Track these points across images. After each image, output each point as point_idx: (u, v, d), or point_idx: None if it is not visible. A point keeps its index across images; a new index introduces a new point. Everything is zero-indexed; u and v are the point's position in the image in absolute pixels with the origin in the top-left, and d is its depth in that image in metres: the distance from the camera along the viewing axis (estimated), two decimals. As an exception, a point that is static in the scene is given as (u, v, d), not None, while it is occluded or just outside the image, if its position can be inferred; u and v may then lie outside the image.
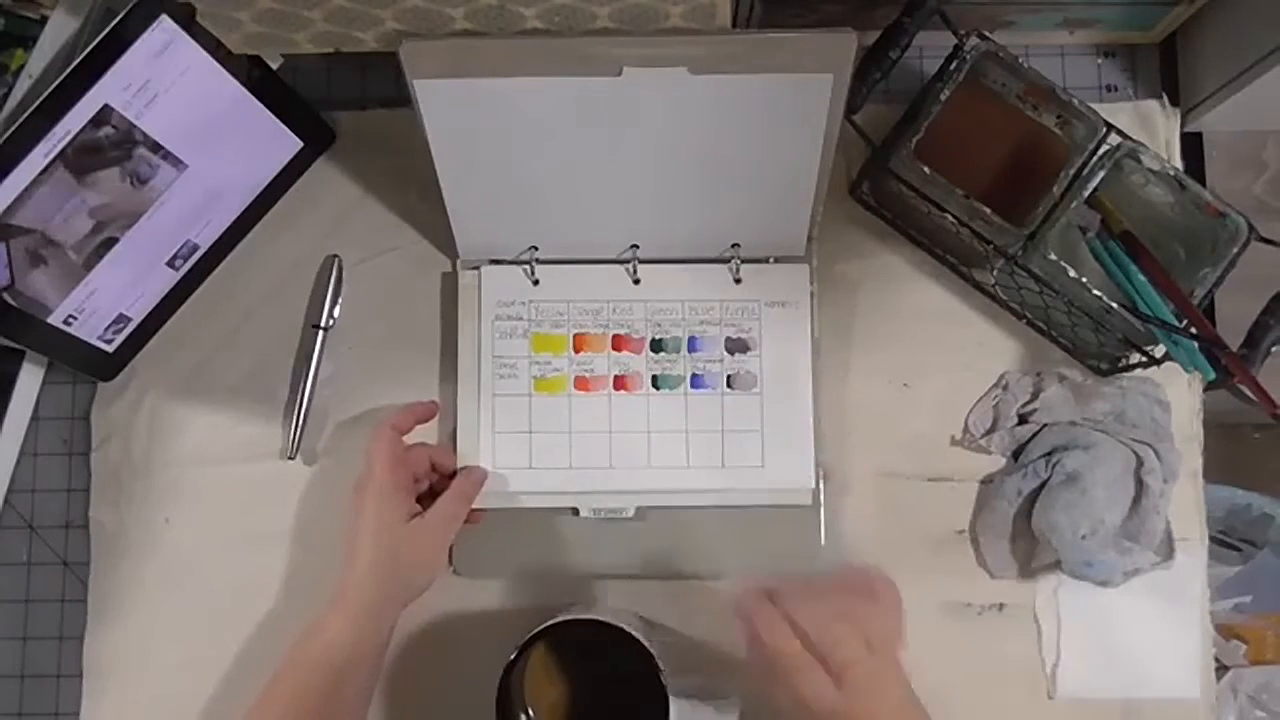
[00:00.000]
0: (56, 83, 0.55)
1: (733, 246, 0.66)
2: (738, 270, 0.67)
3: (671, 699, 0.57)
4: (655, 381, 0.67)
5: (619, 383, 0.67)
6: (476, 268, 0.68)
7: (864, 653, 0.50)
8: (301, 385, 0.69)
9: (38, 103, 0.55)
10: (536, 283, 0.68)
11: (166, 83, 0.58)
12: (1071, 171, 0.59)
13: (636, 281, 0.68)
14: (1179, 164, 0.68)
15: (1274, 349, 0.57)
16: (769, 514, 0.66)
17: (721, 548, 0.66)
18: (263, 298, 0.71)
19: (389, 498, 0.60)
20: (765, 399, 0.66)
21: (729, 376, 0.67)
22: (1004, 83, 0.62)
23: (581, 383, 0.67)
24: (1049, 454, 0.64)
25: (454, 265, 0.69)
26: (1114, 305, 0.58)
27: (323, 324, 0.69)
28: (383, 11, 0.54)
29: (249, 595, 0.68)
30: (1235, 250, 0.58)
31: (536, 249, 0.67)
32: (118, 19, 0.55)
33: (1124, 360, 0.64)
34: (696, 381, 0.67)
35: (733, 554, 0.66)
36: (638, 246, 0.67)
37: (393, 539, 0.59)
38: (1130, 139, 0.59)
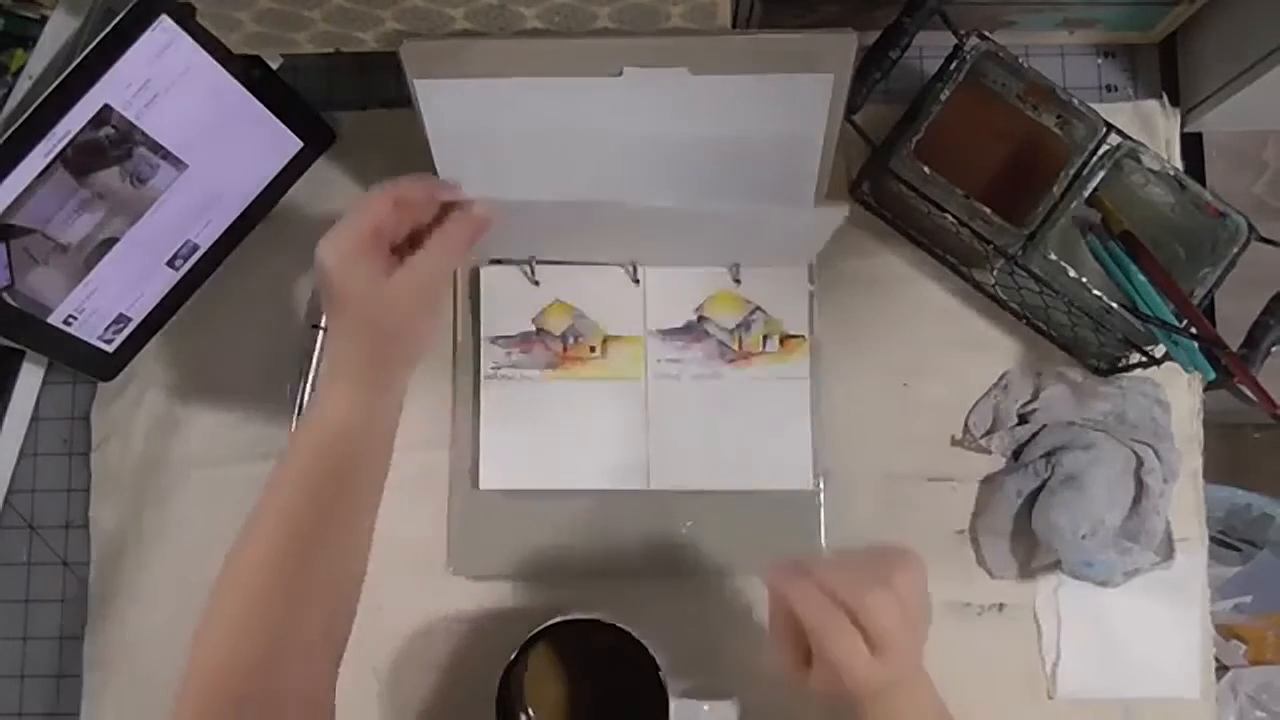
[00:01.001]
0: (56, 83, 0.55)
1: (733, 265, 0.67)
2: (738, 271, 0.67)
3: (671, 699, 0.57)
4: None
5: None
6: (476, 268, 0.68)
7: (901, 621, 0.48)
8: (301, 385, 0.69)
9: (38, 103, 0.55)
10: (536, 284, 0.68)
11: (166, 83, 0.58)
12: (1071, 171, 0.58)
13: (636, 282, 0.68)
14: (1179, 164, 0.68)
15: (1274, 349, 0.57)
16: (769, 514, 0.66)
17: (721, 549, 0.66)
18: (263, 298, 0.71)
19: (358, 259, 0.51)
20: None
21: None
22: (1004, 83, 0.62)
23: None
24: (1049, 454, 0.64)
25: (454, 265, 0.69)
26: (1114, 305, 0.58)
27: (323, 324, 0.69)
28: (383, 11, 0.54)
29: (249, 595, 0.68)
30: (1235, 250, 0.58)
31: (534, 257, 0.67)
32: (118, 19, 0.55)
33: (1124, 360, 0.64)
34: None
35: (733, 555, 0.66)
36: (637, 260, 0.67)
37: (374, 300, 0.52)
38: (1130, 139, 0.59)
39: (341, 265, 0.51)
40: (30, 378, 0.70)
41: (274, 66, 0.66)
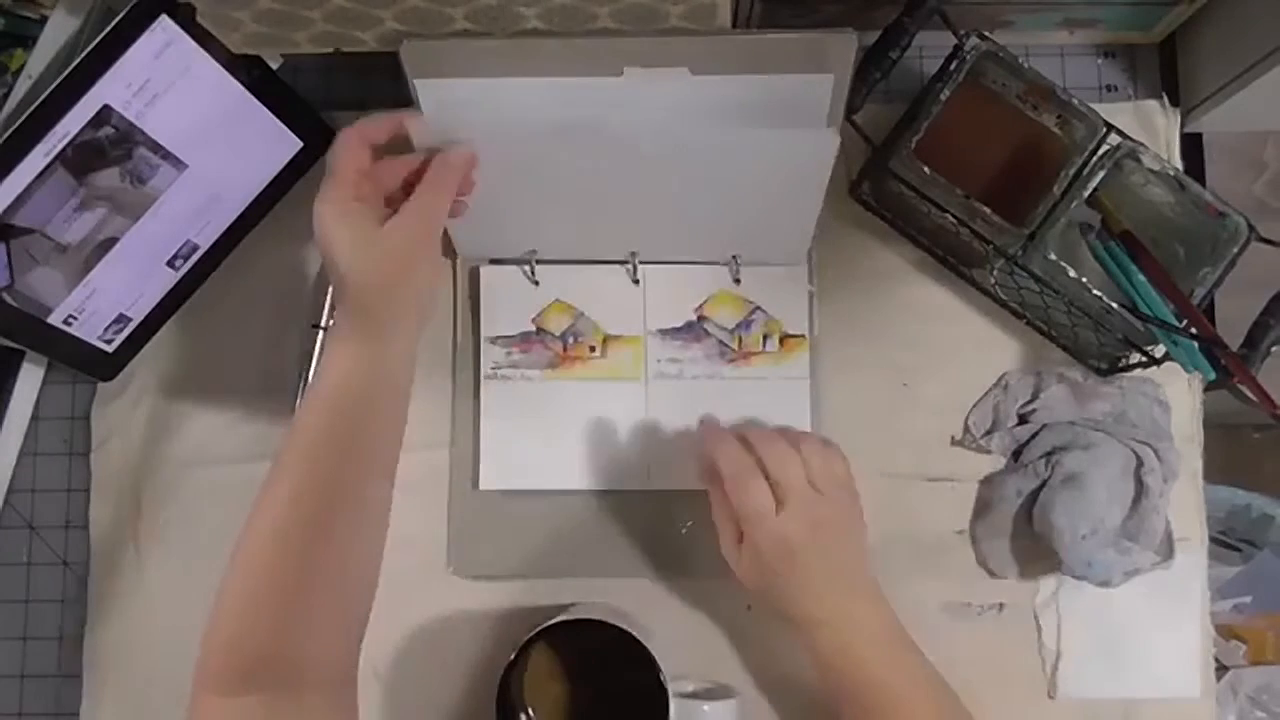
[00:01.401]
0: (56, 83, 0.55)
1: (733, 258, 0.67)
2: (737, 271, 0.67)
3: (671, 699, 0.57)
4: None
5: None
6: (476, 268, 0.68)
7: (802, 476, 0.54)
8: (301, 385, 0.69)
9: (38, 103, 0.55)
10: (536, 284, 0.68)
11: (166, 83, 0.58)
12: (1071, 171, 0.58)
13: (636, 282, 0.68)
14: (1179, 164, 0.68)
15: (1274, 349, 0.57)
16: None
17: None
18: (263, 298, 0.71)
19: (351, 210, 0.53)
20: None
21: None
22: (1004, 83, 0.62)
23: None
24: (1049, 454, 0.64)
25: (454, 265, 0.69)
26: (1114, 305, 0.58)
27: (323, 324, 0.69)
28: (383, 11, 0.54)
29: (249, 595, 0.68)
30: (1235, 250, 0.58)
31: (535, 252, 0.67)
32: (118, 19, 0.55)
33: (1124, 360, 0.64)
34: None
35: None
36: (636, 253, 0.67)
37: (369, 247, 0.52)
38: (1130, 139, 0.59)
39: (335, 218, 0.52)
40: (30, 378, 0.70)
41: (274, 66, 0.66)
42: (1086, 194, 0.58)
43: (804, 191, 0.61)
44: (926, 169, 0.59)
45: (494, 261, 0.68)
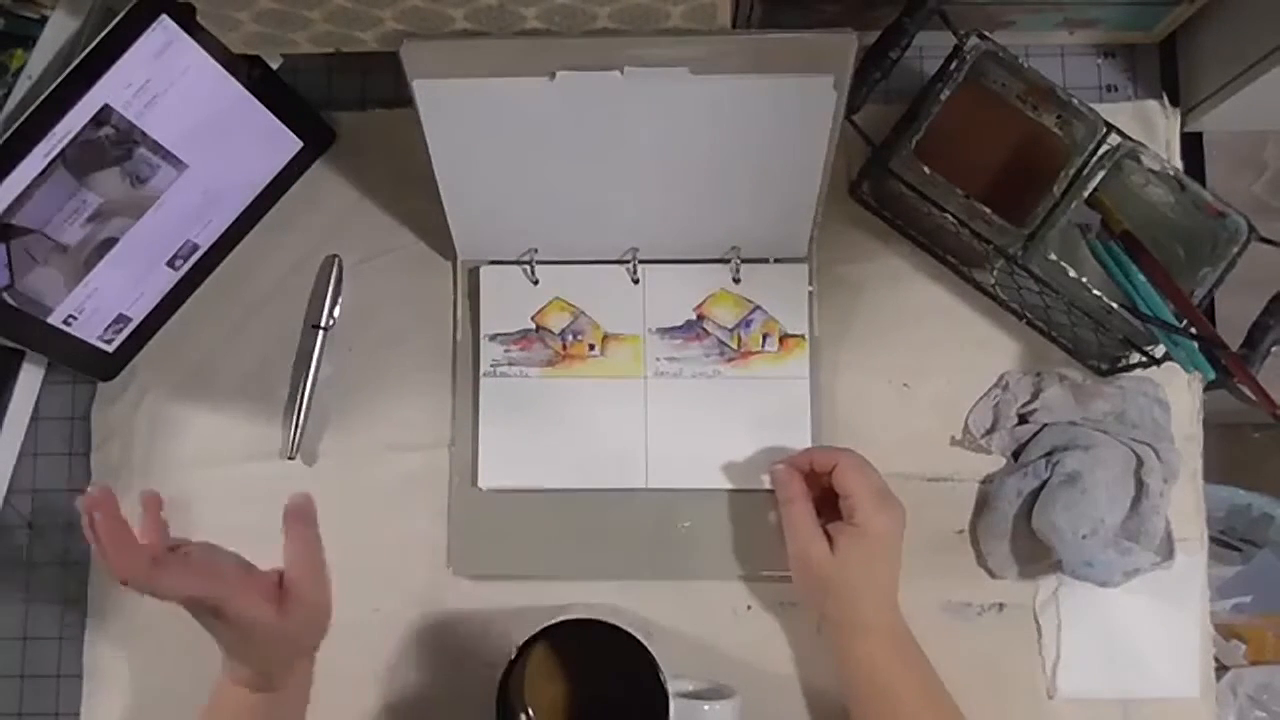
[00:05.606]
0: (56, 83, 0.55)
1: (732, 249, 0.66)
2: (737, 270, 0.67)
3: (671, 699, 0.57)
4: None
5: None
6: (476, 268, 0.69)
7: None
8: (301, 385, 0.69)
9: (38, 103, 0.55)
10: (536, 283, 0.68)
11: (166, 83, 0.58)
12: (1071, 171, 0.59)
13: (636, 281, 0.68)
14: (1179, 164, 0.68)
15: (1274, 349, 0.57)
16: (768, 514, 0.66)
17: (720, 549, 0.66)
18: (263, 298, 0.71)
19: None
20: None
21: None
22: (1004, 83, 0.62)
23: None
24: (1049, 454, 0.64)
25: (454, 265, 0.69)
26: (1114, 305, 0.58)
27: (323, 324, 0.69)
28: (383, 11, 0.54)
29: (249, 595, 0.68)
30: (1235, 250, 0.58)
31: (536, 250, 0.67)
32: (118, 19, 0.55)
33: (1124, 360, 0.64)
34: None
35: (732, 555, 0.66)
36: (637, 249, 0.67)
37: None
38: (1130, 139, 0.59)
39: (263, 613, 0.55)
40: (30, 378, 0.70)
41: (274, 66, 0.66)
42: (1086, 194, 0.58)
43: (806, 162, 0.60)
44: (926, 169, 0.59)
45: (494, 263, 0.68)
